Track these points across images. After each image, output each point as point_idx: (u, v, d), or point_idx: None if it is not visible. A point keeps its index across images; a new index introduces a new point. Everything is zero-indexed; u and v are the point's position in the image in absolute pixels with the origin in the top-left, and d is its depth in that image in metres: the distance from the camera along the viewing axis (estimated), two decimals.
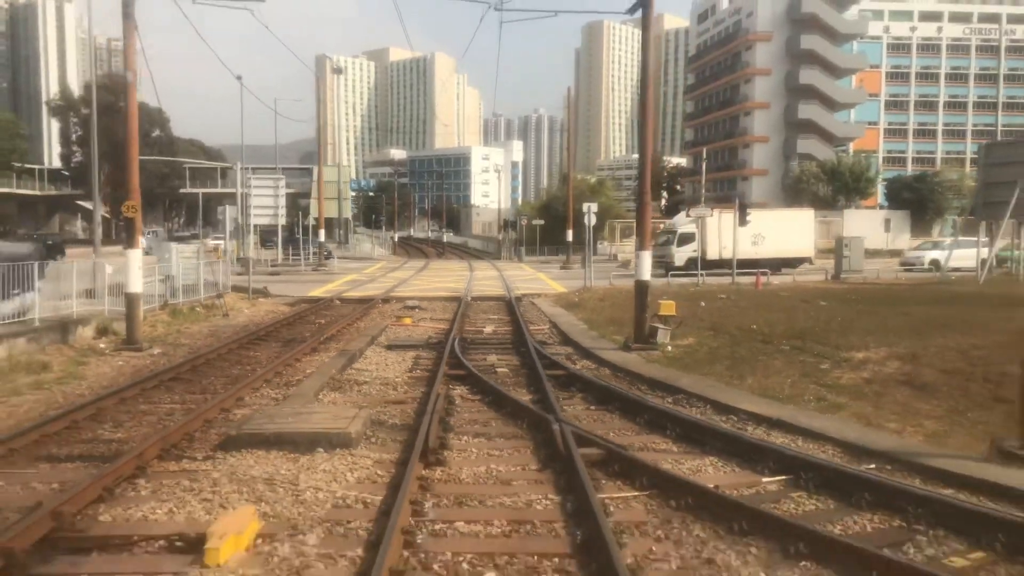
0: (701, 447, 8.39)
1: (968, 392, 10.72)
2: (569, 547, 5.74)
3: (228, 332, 17.42)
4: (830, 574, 5.32)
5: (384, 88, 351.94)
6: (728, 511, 6.33)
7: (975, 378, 11.33)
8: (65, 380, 11.84)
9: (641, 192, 15.70)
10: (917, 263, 34.48)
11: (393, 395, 11.04)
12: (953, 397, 10.54)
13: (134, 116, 15.36)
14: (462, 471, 7.55)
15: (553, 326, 18.76)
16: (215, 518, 6.08)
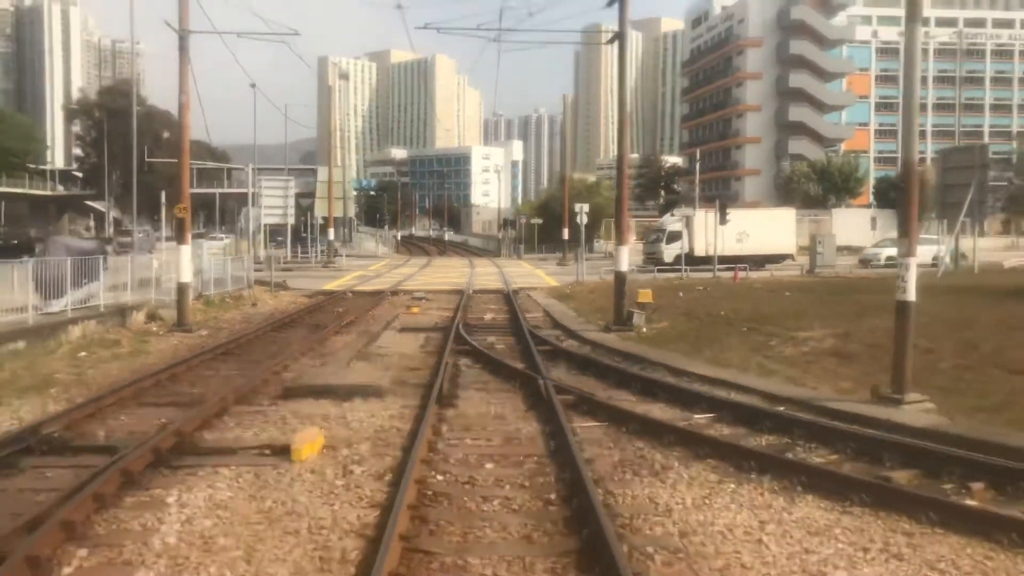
0: (654, 396, 10.79)
1: (881, 361, 13.03)
2: (545, 451, 8.14)
3: (259, 319, 19.83)
4: (725, 466, 7.70)
5: (385, 89, 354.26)
6: (662, 432, 8.73)
7: (890, 350, 13.70)
8: (136, 354, 14.25)
9: (619, 195, 18.10)
10: (874, 259, 36.90)
11: (410, 364, 13.43)
12: (868, 364, 12.88)
13: (187, 131, 17.70)
14: (468, 410, 9.95)
15: (546, 314, 21.15)
16: (292, 436, 8.46)
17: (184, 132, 17.67)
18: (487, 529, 6.05)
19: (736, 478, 7.31)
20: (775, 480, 7.21)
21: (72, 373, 12.18)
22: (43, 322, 14.40)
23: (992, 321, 15.73)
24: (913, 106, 10.36)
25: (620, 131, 18.32)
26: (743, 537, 5.90)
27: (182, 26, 16.40)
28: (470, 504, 6.59)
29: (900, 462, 7.67)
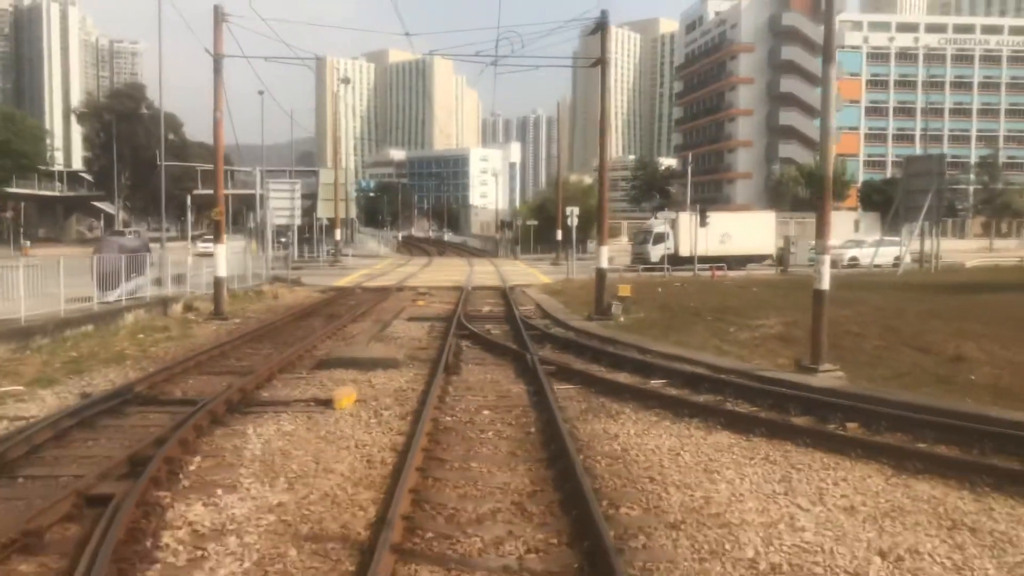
0: (621, 368, 13.17)
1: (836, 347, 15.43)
2: (529, 403, 10.50)
3: (281, 310, 22.18)
4: (665, 412, 10.06)
5: (383, 89, 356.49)
6: (621, 391, 11.11)
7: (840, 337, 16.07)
8: (184, 337, 16.61)
9: (600, 201, 20.51)
10: (838, 260, 39.29)
11: (419, 345, 15.80)
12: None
13: (221, 144, 20.00)
14: (469, 377, 12.32)
15: (537, 306, 23.52)
16: (332, 392, 10.80)
17: (219, 144, 19.97)
18: (483, 447, 8.42)
19: (671, 419, 9.69)
20: (700, 421, 9.59)
21: (138, 350, 14.54)
22: (103, 310, 16.75)
23: (920, 311, 18.17)
24: (828, 131, 12.76)
25: (601, 146, 20.72)
26: (666, 452, 8.28)
27: (216, 51, 18.71)
28: (471, 434, 8.96)
29: (801, 411, 10.04)
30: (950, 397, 10.39)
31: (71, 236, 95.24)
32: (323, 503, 6.67)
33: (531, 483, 7.22)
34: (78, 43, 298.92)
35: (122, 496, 6.37)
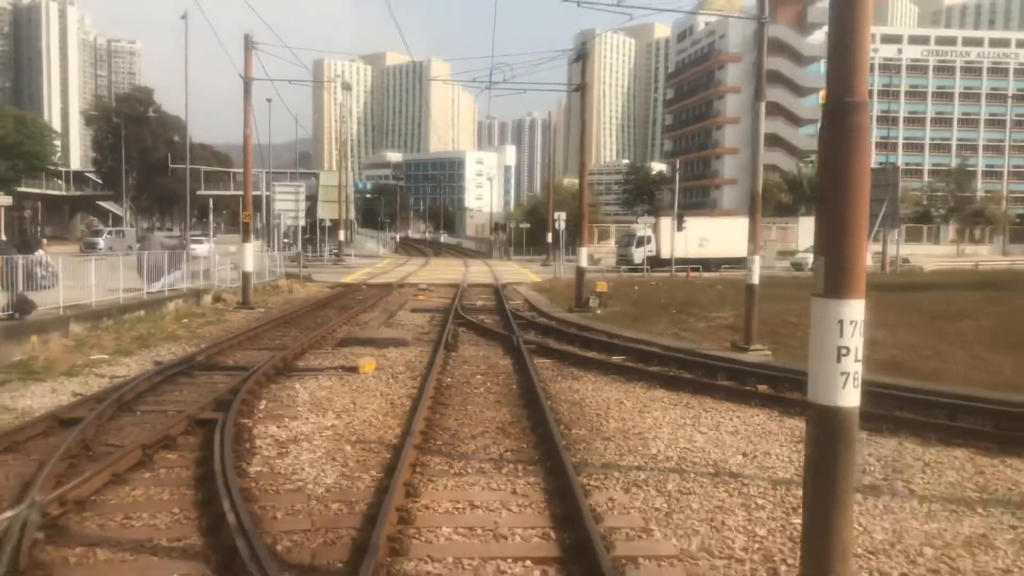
0: (590, 348, 15.93)
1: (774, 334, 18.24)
2: (513, 371, 13.26)
3: (298, 302, 24.89)
4: (618, 377, 12.81)
5: (380, 92, 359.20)
6: (587, 363, 13.89)
7: (768, 324, 18.87)
8: (220, 322, 19.32)
9: (580, 210, 23.29)
10: (803, 263, 42.13)
11: (423, 329, 18.54)
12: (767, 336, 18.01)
13: (250, 158, 22.67)
14: (465, 353, 15.07)
15: (526, 301, 26.27)
16: (356, 361, 13.53)
17: (248, 158, 22.61)
18: (476, 397, 11.17)
19: (622, 382, 12.46)
20: (645, 383, 12.35)
21: (186, 331, 17.26)
22: (150, 299, 19.46)
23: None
24: (758, 152, 15.56)
25: (582, 163, 23.53)
26: (613, 401, 11.04)
27: (246, 74, 21.41)
28: (467, 389, 11.72)
29: (725, 377, 12.80)
30: None
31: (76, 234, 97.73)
32: (363, 425, 9.43)
33: (510, 417, 9.98)
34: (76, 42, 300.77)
35: (221, 420, 9.10)
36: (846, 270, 4.47)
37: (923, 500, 7.03)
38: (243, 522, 5.81)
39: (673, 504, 6.80)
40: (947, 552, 5.84)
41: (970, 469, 7.98)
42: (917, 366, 13.99)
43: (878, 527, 6.35)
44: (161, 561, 5.53)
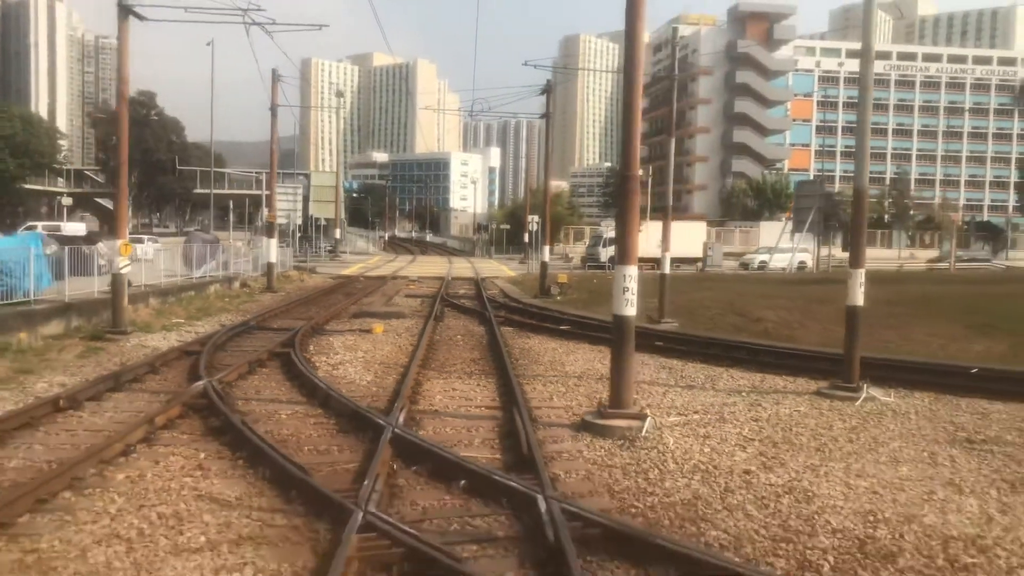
0: (544, 321, 20.97)
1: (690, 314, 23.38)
2: (484, 334, 18.30)
3: (310, 288, 29.77)
4: (559, 338, 17.88)
5: (367, 92, 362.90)
6: (540, 329, 18.98)
7: (688, 307, 24.02)
8: (253, 300, 24.19)
9: (544, 216, 28.30)
10: (751, 263, 47.48)
11: (416, 308, 23.52)
12: (683, 315, 23.14)
13: (274, 171, 27.48)
14: (449, 324, 20.10)
15: (500, 291, 31.29)
16: (370, 325, 18.50)
17: (272, 171, 27.37)
18: (457, 347, 16.19)
19: (560, 339, 17.52)
20: (576, 340, 17.41)
21: (231, 306, 22.16)
22: (196, 283, 24.32)
23: (762, 294, 26.19)
24: (669, 167, 20.69)
25: (545, 181, 28.56)
26: (550, 349, 16.09)
27: (273, 103, 26.26)
28: (450, 343, 16.73)
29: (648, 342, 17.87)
30: (723, 334, 18.32)
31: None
32: (382, 357, 14.43)
33: (480, 356, 15.01)
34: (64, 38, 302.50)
35: (290, 352, 14.05)
36: (625, 254, 9.53)
37: (717, 392, 12.12)
38: (332, 383, 10.83)
39: (567, 390, 11.86)
40: (707, 407, 10.92)
41: (739, 378, 13.10)
42: (782, 333, 19.19)
43: (680, 399, 11.43)
44: (289, 405, 10.48)
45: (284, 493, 6.87)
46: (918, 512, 6.81)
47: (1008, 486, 7.66)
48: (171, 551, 5.63)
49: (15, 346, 13.19)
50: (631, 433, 9.15)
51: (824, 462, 8.36)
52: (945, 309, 21.73)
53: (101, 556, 5.50)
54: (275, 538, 5.93)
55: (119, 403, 10.35)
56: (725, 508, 6.85)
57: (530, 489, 6.66)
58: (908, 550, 5.98)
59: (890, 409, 10.98)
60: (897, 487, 7.52)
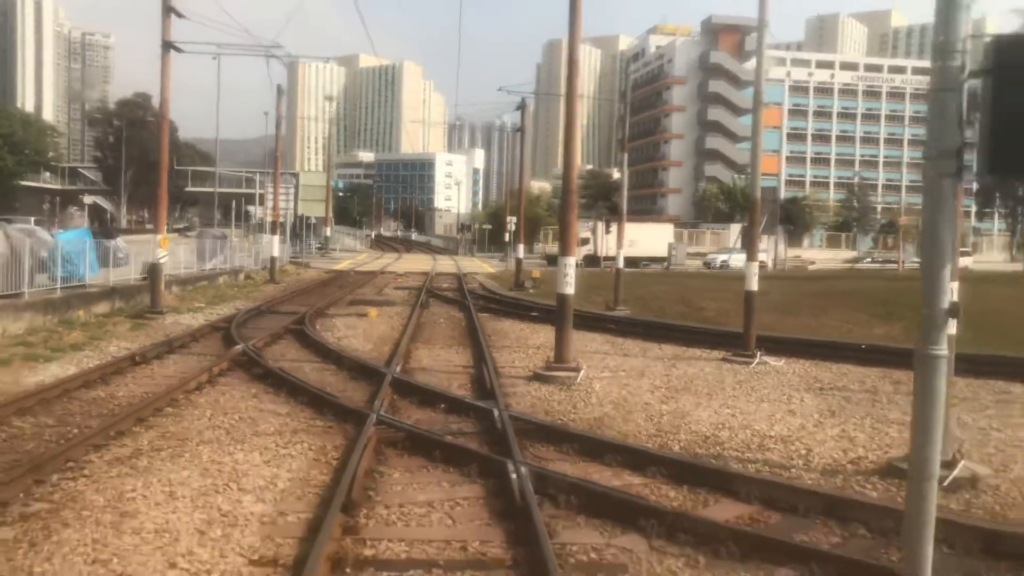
0: (517, 308, 24.14)
1: (644, 304, 26.61)
2: (464, 319, 21.43)
3: (307, 281, 32.74)
4: (530, 322, 21.03)
5: (354, 92, 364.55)
6: (511, 314, 22.15)
7: (644, 297, 27.26)
8: (259, 290, 27.16)
9: (519, 218, 31.48)
10: (712, 263, 50.93)
11: (404, 298, 26.58)
12: (638, 305, 26.35)
13: (278, 166, 30.43)
14: (434, 311, 23.20)
15: (480, 285, 34.40)
16: (365, 311, 21.57)
17: (276, 178, 30.32)
18: (440, 327, 19.31)
19: (528, 322, 20.67)
20: (539, 324, 20.54)
21: (241, 294, 25.12)
22: (207, 274, 27.25)
23: (710, 288, 29.50)
24: (623, 181, 23.92)
25: (520, 186, 31.71)
26: (519, 329, 19.25)
27: (277, 115, 29.24)
28: (434, 324, 19.84)
29: (592, 320, 21.08)
30: (667, 320, 21.55)
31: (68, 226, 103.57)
32: (378, 334, 17.52)
33: (459, 333, 18.13)
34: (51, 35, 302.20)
35: (304, 323, 17.10)
36: (565, 248, 12.71)
37: (646, 358, 15.29)
38: (341, 350, 13.93)
39: (527, 357, 15.01)
40: (633, 367, 14.11)
41: (667, 350, 16.31)
42: (719, 319, 22.41)
43: (614, 362, 14.61)
44: (309, 363, 13.54)
45: (319, 410, 9.96)
46: (755, 424, 10.00)
47: (830, 414, 10.86)
48: (252, 434, 8.72)
49: (79, 320, 16.15)
50: (568, 380, 12.32)
51: (707, 400, 11.55)
52: (860, 300, 25.10)
53: (210, 435, 8.60)
54: (317, 431, 9.02)
55: (178, 360, 13.39)
56: (623, 421, 10.03)
57: (489, 407, 9.80)
58: (735, 442, 9.16)
59: (775, 370, 14.24)
60: (750, 413, 10.72)
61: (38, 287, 16.24)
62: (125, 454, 7.74)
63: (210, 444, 8.22)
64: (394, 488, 7.06)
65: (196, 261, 27.30)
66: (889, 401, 11.63)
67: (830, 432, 9.77)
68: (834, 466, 8.30)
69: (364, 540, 5.82)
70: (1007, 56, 3.25)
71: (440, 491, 7.01)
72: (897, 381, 12.99)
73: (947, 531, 5.69)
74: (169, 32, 19.31)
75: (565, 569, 5.38)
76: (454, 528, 6.19)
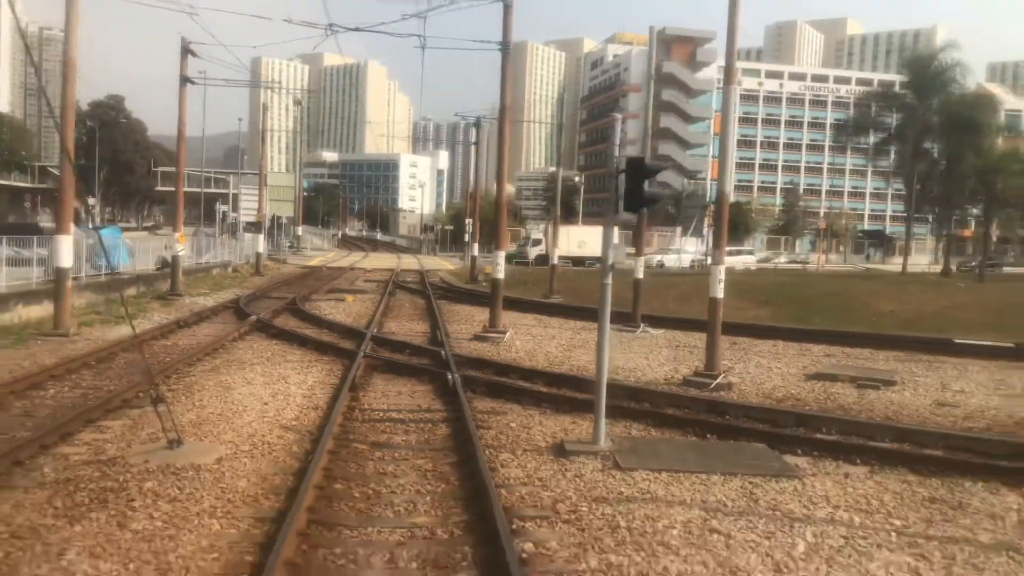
0: (469, 296, 28.98)
1: (576, 294, 31.57)
2: (425, 306, 26.20)
3: (287, 274, 37.16)
4: (479, 305, 25.87)
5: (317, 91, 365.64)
6: (465, 301, 26.99)
7: (578, 289, 32.23)
8: (248, 280, 31.58)
9: (474, 220, 36.28)
10: (650, 263, 56.20)
11: (374, 289, 31.24)
12: (571, 295, 31.29)
13: (263, 174, 34.74)
14: (400, 299, 27.95)
15: (440, 279, 39.17)
16: (343, 297, 26.22)
17: (261, 182, 34.63)
18: (404, 310, 24.08)
19: (476, 307, 25.50)
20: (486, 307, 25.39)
21: (235, 284, 29.57)
22: (202, 267, 31.60)
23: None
24: (557, 188, 28.87)
25: (475, 191, 36.44)
26: (468, 310, 24.08)
27: (263, 129, 33.61)
28: (400, 308, 24.59)
29: (529, 306, 26.01)
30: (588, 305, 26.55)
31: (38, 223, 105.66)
32: (356, 312, 22.23)
33: (420, 313, 22.92)
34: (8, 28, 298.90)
35: (295, 305, 21.74)
36: (499, 245, 17.61)
37: (561, 329, 20.19)
38: (330, 320, 18.69)
39: (472, 328, 19.83)
40: (548, 333, 19.02)
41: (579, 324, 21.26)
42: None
43: (536, 331, 19.50)
44: (309, 328, 18.20)
45: (323, 352, 14.68)
46: (617, 362, 14.94)
47: (672, 359, 15.86)
48: (284, 361, 13.43)
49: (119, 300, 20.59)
50: (497, 339, 17.21)
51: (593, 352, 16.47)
52: (749, 291, 30.36)
53: (257, 361, 13.31)
54: (325, 361, 13.76)
55: (209, 326, 17.98)
56: (528, 360, 14.93)
57: (438, 350, 14.63)
58: (591, 368, 14.10)
59: (651, 336, 19.31)
60: (617, 358, 15.66)
61: (86, 274, 20.65)
62: (210, 368, 12.46)
63: (260, 364, 12.99)
64: (377, 385, 11.88)
65: (194, 255, 31.63)
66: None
67: (665, 367, 14.81)
68: (653, 379, 13.30)
69: (362, 404, 10.62)
70: (630, 163, 8.20)
71: (405, 387, 11.85)
72: (733, 343, 18.10)
73: (716, 406, 10.73)
74: (186, 68, 23.75)
75: (475, 414, 10.19)
76: (413, 400, 11.04)
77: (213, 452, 7.86)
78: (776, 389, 12.88)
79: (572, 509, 6.67)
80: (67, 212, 15.86)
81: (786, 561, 5.70)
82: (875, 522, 6.64)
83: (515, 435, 9.27)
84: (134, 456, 7.62)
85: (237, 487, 6.92)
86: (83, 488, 6.67)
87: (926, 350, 17.83)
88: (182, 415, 9.09)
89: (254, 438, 8.52)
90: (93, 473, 7.09)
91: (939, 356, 17.17)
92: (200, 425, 8.90)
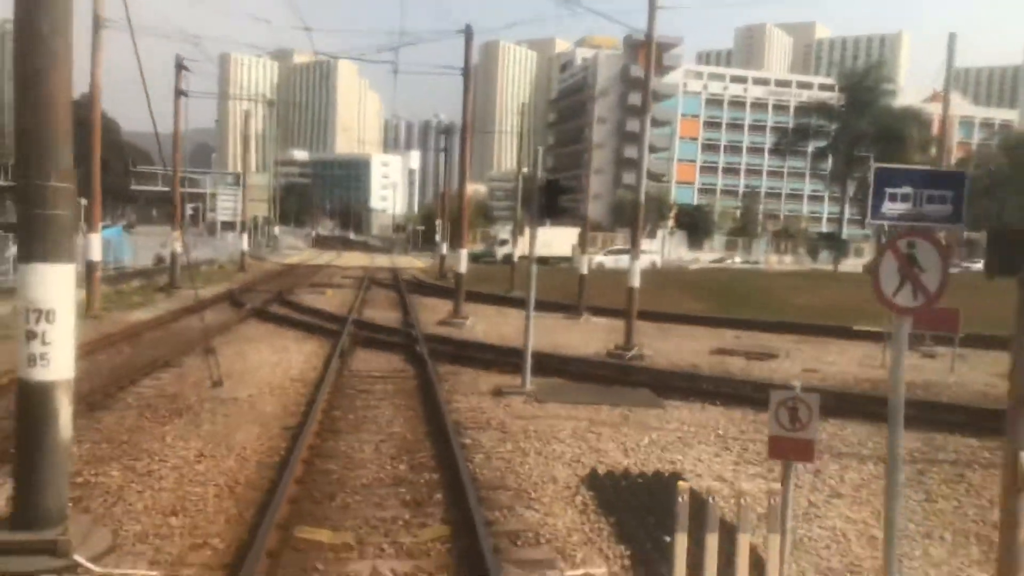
0: (439, 291, 31.99)
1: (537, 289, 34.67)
2: (397, 298, 29.19)
3: (269, 271, 39.83)
4: (446, 298, 28.88)
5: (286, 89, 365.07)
6: (432, 294, 30.03)
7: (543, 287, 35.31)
8: (236, 276, 34.28)
9: (443, 220, 39.28)
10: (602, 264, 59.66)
11: (351, 284, 34.09)
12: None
13: (244, 179, 37.39)
14: (375, 293, 30.90)
15: (412, 276, 42.11)
16: (323, 291, 29.08)
17: (243, 180, 37.30)
18: (379, 301, 27.05)
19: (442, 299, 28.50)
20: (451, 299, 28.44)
21: (224, 279, 32.28)
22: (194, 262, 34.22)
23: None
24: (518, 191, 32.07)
25: (444, 195, 39.41)
26: (435, 302, 27.09)
27: (245, 131, 36.30)
28: (376, 300, 27.55)
29: (493, 299, 29.07)
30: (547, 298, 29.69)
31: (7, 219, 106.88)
32: (336, 303, 25.14)
33: (394, 305, 25.90)
34: None
35: (282, 297, 24.61)
36: (458, 243, 20.66)
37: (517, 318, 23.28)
38: (315, 308, 21.65)
39: (439, 316, 22.85)
40: (505, 320, 22.11)
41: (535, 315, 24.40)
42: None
43: (496, 319, 22.58)
44: (298, 316, 21.11)
45: (313, 334, 17.62)
46: (558, 341, 18.07)
47: (606, 339, 19.02)
48: (282, 339, 16.38)
49: (127, 290, 23.32)
50: (460, 324, 20.27)
51: (542, 333, 19.50)
52: (695, 288, 33.76)
53: (262, 338, 16.26)
54: (315, 339, 16.72)
55: (212, 313, 20.76)
56: (484, 339, 18.00)
57: (410, 331, 17.65)
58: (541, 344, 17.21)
59: (593, 323, 22.50)
60: (560, 338, 18.79)
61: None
62: (224, 342, 15.39)
63: (264, 339, 15.97)
64: (360, 356, 14.89)
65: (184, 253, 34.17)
66: (645, 333, 19.95)
67: (597, 345, 17.97)
68: (585, 354, 16.47)
69: (350, 366, 13.63)
70: (548, 184, 11.30)
71: (383, 357, 14.89)
72: (660, 327, 21.33)
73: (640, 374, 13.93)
74: (180, 81, 26.45)
75: (437, 376, 13.21)
76: (389, 364, 14.08)
77: (245, 391, 10.85)
78: (683, 361, 16.08)
79: (500, 423, 9.78)
80: (97, 215, 18.60)
81: (633, 447, 8.84)
82: (705, 432, 9.81)
83: (467, 386, 12.35)
84: (189, 392, 10.59)
85: (266, 411, 9.92)
86: (161, 408, 9.64)
87: (824, 334, 21.18)
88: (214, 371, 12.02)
89: (271, 384, 11.51)
90: (164, 401, 10.05)
91: (833, 339, 20.52)
92: (229, 377, 11.84)
